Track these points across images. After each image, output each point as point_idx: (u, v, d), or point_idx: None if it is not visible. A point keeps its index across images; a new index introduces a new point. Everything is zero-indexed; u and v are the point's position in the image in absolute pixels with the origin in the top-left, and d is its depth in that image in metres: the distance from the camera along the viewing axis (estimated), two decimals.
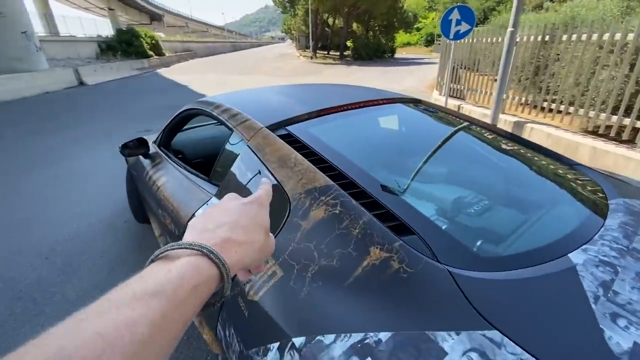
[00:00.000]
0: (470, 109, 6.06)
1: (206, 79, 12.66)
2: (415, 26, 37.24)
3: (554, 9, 9.50)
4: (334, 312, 0.69)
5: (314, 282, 0.75)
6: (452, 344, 0.57)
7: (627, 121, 3.64)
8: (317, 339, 0.64)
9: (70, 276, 2.11)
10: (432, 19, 39.90)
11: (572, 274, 0.70)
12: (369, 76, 14.06)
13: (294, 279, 0.78)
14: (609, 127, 3.88)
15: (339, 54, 26.26)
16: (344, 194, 0.86)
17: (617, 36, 3.63)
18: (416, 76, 13.40)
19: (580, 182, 1.16)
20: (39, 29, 15.62)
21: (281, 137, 1.14)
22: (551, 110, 4.61)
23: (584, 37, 4.02)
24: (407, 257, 0.70)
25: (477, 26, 5.99)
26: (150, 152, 2.07)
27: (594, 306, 0.62)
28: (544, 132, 4.41)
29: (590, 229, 0.87)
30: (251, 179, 1.13)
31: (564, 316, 0.61)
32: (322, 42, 29.01)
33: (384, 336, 0.60)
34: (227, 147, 1.40)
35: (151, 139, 2.22)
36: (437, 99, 7.29)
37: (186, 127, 2.36)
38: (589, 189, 1.11)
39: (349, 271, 0.73)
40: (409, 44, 41.90)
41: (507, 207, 1.06)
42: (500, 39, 5.47)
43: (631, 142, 3.69)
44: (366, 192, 0.89)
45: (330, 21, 28.06)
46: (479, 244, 0.82)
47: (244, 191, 1.10)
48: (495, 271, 0.70)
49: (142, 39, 18.52)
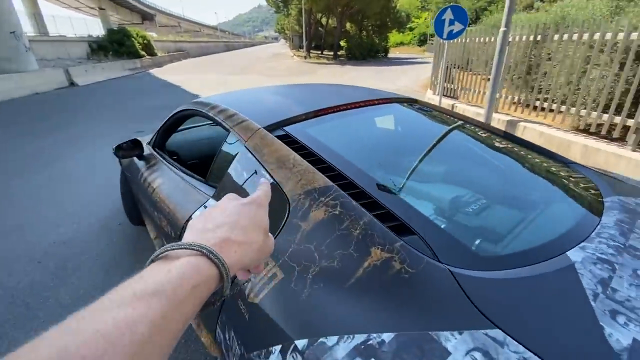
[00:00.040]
0: (464, 108, 6.10)
1: (199, 79, 12.57)
2: (408, 26, 37.39)
3: (545, 9, 9.62)
4: (336, 314, 0.68)
5: (315, 284, 0.74)
6: (455, 343, 0.57)
7: (617, 119, 3.70)
8: (319, 340, 0.64)
9: (64, 280, 2.08)
10: (425, 19, 40.11)
11: (571, 272, 0.70)
12: (363, 76, 14.08)
13: (294, 280, 0.77)
14: (600, 126, 3.93)
15: (332, 53, 26.26)
16: (343, 194, 0.85)
17: (608, 36, 3.69)
18: (410, 76, 13.45)
19: (575, 180, 1.18)
20: (28, 28, 15.39)
21: (279, 137, 1.14)
22: (543, 109, 4.66)
23: (575, 36, 4.07)
24: (408, 257, 0.70)
25: (469, 26, 6.03)
26: (144, 153, 2.05)
27: (593, 304, 0.63)
28: (537, 130, 4.46)
29: (587, 226, 0.88)
30: (247, 179, 1.12)
31: (565, 314, 0.62)
32: (316, 41, 28.98)
33: (387, 337, 0.60)
34: (224, 148, 1.39)
35: (145, 140, 2.20)
36: (431, 98, 7.33)
37: (181, 128, 2.34)
38: (585, 187, 1.13)
39: (350, 272, 0.73)
40: (402, 44, 42.04)
41: (506, 205, 1.06)
42: (492, 39, 5.52)
43: (622, 140, 3.75)
44: (365, 193, 0.89)
45: (323, 21, 28.05)
46: (478, 243, 0.83)
47: (241, 192, 1.09)
48: (495, 270, 0.71)
49: (133, 39, 18.33)
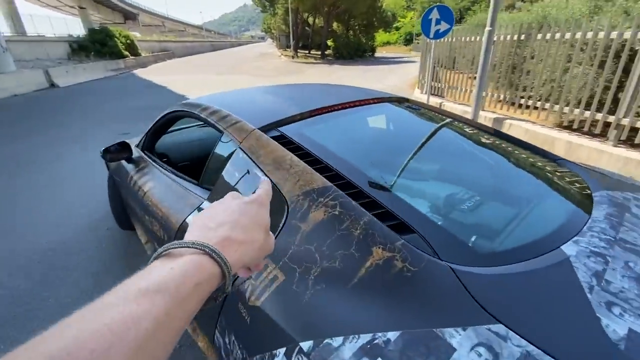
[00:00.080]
0: (451, 106, 6.19)
1: (186, 80, 12.37)
2: (394, 25, 37.72)
3: (527, 8, 9.83)
4: (340, 314, 0.68)
5: (317, 285, 0.74)
6: (459, 339, 0.57)
7: (599, 116, 3.82)
8: (325, 342, 0.63)
9: (50, 288, 2.02)
10: (411, 18, 40.55)
11: (566, 266, 0.72)
12: (351, 75, 14.13)
13: (296, 282, 0.77)
14: (582, 122, 4.05)
15: (320, 53, 26.27)
16: (342, 194, 0.85)
17: (589, 35, 3.80)
18: (397, 75, 13.56)
19: (565, 176, 1.21)
20: (4, 28, 14.88)
21: (274, 138, 1.13)
22: (528, 106, 4.77)
23: (558, 35, 4.19)
24: (410, 255, 0.71)
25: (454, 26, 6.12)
26: (133, 156, 2.01)
27: (589, 296, 0.65)
28: (522, 127, 4.57)
29: (578, 221, 0.91)
30: (240, 178, 1.11)
31: (563, 306, 0.63)
32: (303, 41, 28.93)
33: (393, 336, 0.60)
34: (218, 150, 1.37)
35: (133, 142, 2.15)
36: (419, 97, 7.41)
37: (170, 129, 2.30)
38: (574, 182, 1.16)
39: (353, 272, 0.73)
40: (388, 43, 42.37)
41: (501, 202, 1.08)
42: (478, 38, 5.62)
43: (603, 136, 3.88)
44: (364, 192, 0.89)
45: (310, 20, 28.01)
46: (477, 239, 0.84)
47: None
48: (494, 266, 0.72)
49: (116, 39, 17.88)
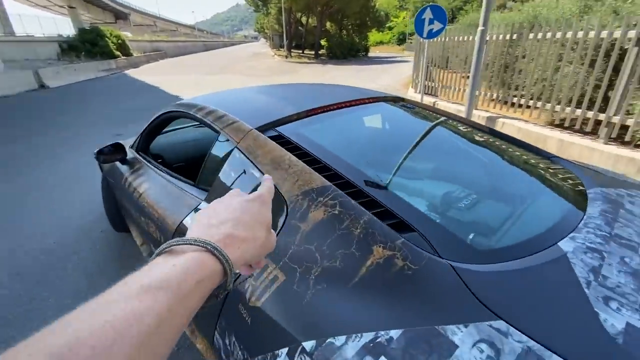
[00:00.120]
0: (445, 106, 6.24)
1: (178, 80, 12.27)
2: (387, 25, 37.87)
3: (518, 8, 9.93)
4: (341, 313, 0.68)
5: (318, 284, 0.74)
6: (461, 336, 0.58)
7: (590, 114, 3.88)
8: (327, 341, 0.63)
9: (45, 291, 1.99)
10: (404, 18, 40.75)
11: (564, 262, 0.73)
12: (345, 75, 14.14)
13: (297, 282, 0.77)
14: (573, 120, 4.11)
15: (313, 52, 26.26)
16: (342, 194, 0.85)
17: (579, 34, 3.86)
18: (390, 74, 13.62)
19: (560, 174, 1.22)
20: None
21: (272, 138, 1.12)
22: (520, 105, 4.83)
23: (549, 35, 4.24)
24: (410, 254, 0.71)
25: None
26: (127, 157, 1.98)
27: (587, 291, 0.66)
28: (515, 126, 4.62)
29: (574, 217, 0.92)
30: (237, 178, 1.11)
31: (562, 302, 0.64)
32: (297, 41, 28.89)
33: (395, 334, 0.61)
34: (214, 150, 1.36)
35: (127, 143, 2.13)
36: (413, 96, 7.45)
37: (165, 130, 2.28)
38: (569, 179, 1.17)
39: (354, 271, 0.73)
40: (381, 43, 42.53)
41: (498, 200, 1.09)
42: (471, 38, 5.67)
43: (594, 133, 3.94)
44: (363, 191, 0.89)
45: (303, 20, 27.98)
46: (476, 237, 0.84)
47: None
48: (493, 263, 0.72)
49: (107, 39, 17.66)
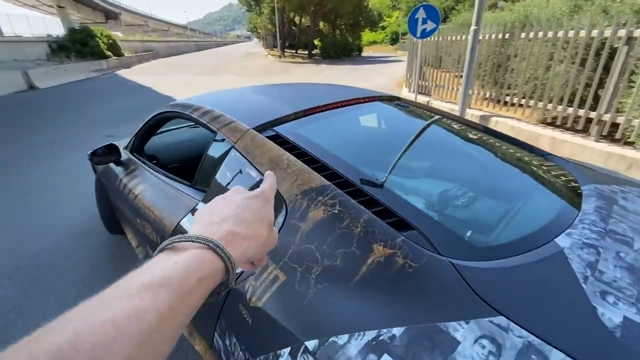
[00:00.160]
0: (438, 105, 6.28)
1: (171, 80, 12.17)
2: (380, 25, 38.00)
3: (509, 8, 10.04)
4: (344, 312, 0.68)
5: (319, 284, 0.74)
6: (463, 333, 0.58)
7: (581, 112, 3.94)
8: (330, 340, 0.63)
9: (37, 295, 1.96)
10: (397, 18, 40.90)
11: (561, 257, 0.74)
12: (338, 74, 14.16)
13: (297, 281, 0.77)
14: (565, 118, 4.17)
15: (307, 52, 26.23)
16: (341, 193, 0.86)
17: (570, 33, 3.91)
18: (384, 74, 13.67)
19: (554, 171, 1.24)
20: None
21: (269, 138, 1.12)
22: (513, 104, 4.89)
23: (540, 34, 4.30)
24: (411, 252, 0.71)
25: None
26: (122, 158, 1.96)
27: (584, 286, 0.67)
28: (508, 124, 4.67)
29: (570, 214, 0.93)
30: (233, 177, 1.11)
31: (560, 297, 0.65)
32: (290, 40, 28.83)
33: (398, 331, 0.61)
34: (211, 150, 1.35)
35: (121, 144, 2.11)
36: (407, 95, 7.49)
37: (159, 130, 2.26)
38: (564, 176, 1.19)
39: (355, 270, 0.73)
40: (375, 43, 42.64)
41: (495, 197, 1.11)
42: (463, 37, 5.72)
43: (585, 131, 4.00)
44: (362, 190, 0.90)
45: (297, 20, 27.95)
46: (475, 234, 0.85)
47: None
48: (492, 260, 0.73)
49: (98, 39, 17.44)
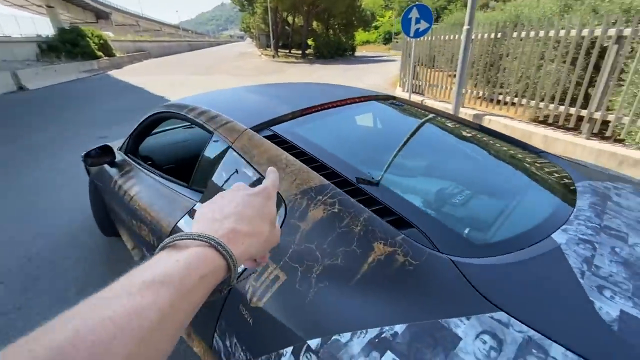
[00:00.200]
0: (432, 104, 6.32)
1: (164, 80, 12.06)
2: (373, 24, 38.09)
3: (500, 7, 10.14)
4: (345, 310, 0.69)
5: (320, 283, 0.74)
6: (464, 329, 0.59)
7: (572, 110, 3.99)
8: (333, 338, 0.64)
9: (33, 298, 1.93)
10: (389, 18, 41.07)
11: (558, 253, 0.75)
12: (332, 74, 14.16)
13: (298, 281, 0.77)
14: (557, 117, 4.23)
15: (300, 52, 26.19)
16: (341, 192, 0.86)
17: (561, 33, 3.97)
18: (378, 73, 13.71)
19: (549, 168, 1.26)
20: None
21: (267, 138, 1.12)
22: (506, 102, 4.94)
23: (532, 34, 4.35)
24: (411, 249, 0.72)
25: None
26: (116, 160, 1.94)
27: (581, 280, 0.68)
28: (501, 123, 4.72)
29: (565, 210, 0.95)
30: (228, 178, 1.11)
31: (558, 292, 0.66)
32: (283, 40, 28.77)
33: (400, 328, 0.61)
34: (208, 151, 1.34)
35: (115, 145, 2.08)
36: (400, 95, 7.52)
37: (153, 131, 2.24)
38: (558, 173, 1.21)
39: (356, 268, 0.73)
40: (368, 42, 42.76)
41: (492, 195, 1.12)
42: (456, 37, 5.76)
43: (576, 129, 4.06)
44: (361, 189, 0.90)
45: (290, 19, 27.90)
46: (474, 232, 0.86)
47: None
48: (491, 256, 0.74)
49: (88, 39, 17.25)
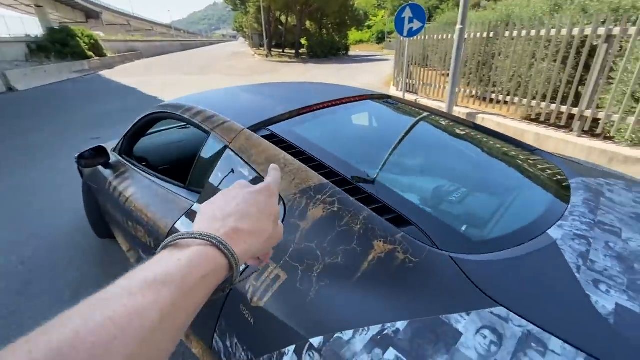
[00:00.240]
0: (426, 103, 6.36)
1: (157, 80, 11.95)
2: (366, 24, 38.15)
3: (491, 7, 10.24)
4: (347, 308, 0.69)
5: (321, 281, 0.75)
6: (465, 324, 0.60)
7: (563, 108, 4.05)
8: (335, 336, 0.64)
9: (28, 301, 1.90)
10: (382, 17, 41.17)
11: (554, 249, 0.77)
12: (326, 73, 14.17)
13: (299, 280, 0.77)
14: (548, 115, 4.29)
15: (294, 52, 26.14)
16: (340, 191, 0.86)
17: (552, 32, 4.02)
18: (371, 73, 13.74)
19: (543, 165, 1.28)
20: None
21: (265, 137, 1.12)
22: (499, 101, 4.99)
23: (524, 33, 4.40)
24: (411, 247, 0.73)
25: None
26: (111, 161, 1.92)
27: (577, 275, 0.69)
28: (494, 121, 4.77)
29: (560, 206, 0.96)
30: (223, 178, 1.11)
31: (555, 286, 0.67)
32: (276, 40, 28.69)
33: (401, 325, 0.62)
34: (205, 151, 1.34)
35: (109, 146, 2.06)
36: (394, 94, 7.56)
37: (149, 132, 2.22)
38: (553, 170, 1.23)
39: (356, 266, 0.74)
40: (361, 42, 42.82)
41: (490, 192, 1.13)
42: (449, 36, 5.80)
43: (568, 127, 4.12)
44: (360, 188, 0.90)
45: (283, 19, 27.81)
46: (472, 229, 0.87)
47: None
48: (489, 252, 0.75)
49: (79, 39, 17.01)
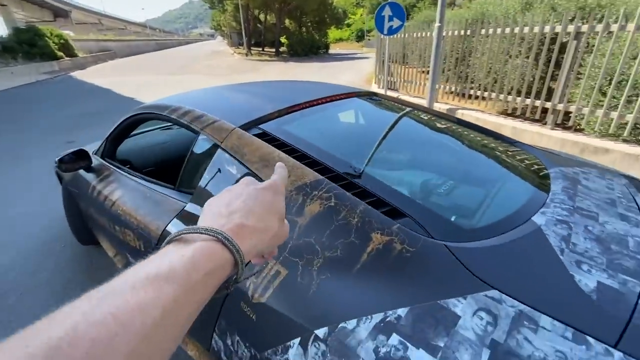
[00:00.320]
0: (408, 99, 6.46)
1: (132, 81, 11.59)
2: (345, 22, 38.32)
3: (466, 5, 10.51)
4: (349, 299, 0.71)
5: (322, 274, 0.77)
6: (462, 307, 0.63)
7: (537, 103, 4.23)
8: (340, 326, 0.66)
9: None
10: (361, 15, 41.45)
11: (539, 234, 0.82)
12: (308, 72, 14.16)
13: (300, 274, 0.79)
14: (523, 109, 4.46)
15: (274, 50, 25.96)
16: (335, 186, 0.88)
17: (525, 29, 4.19)
18: (353, 70, 13.84)
19: (523, 156, 1.35)
20: None
21: (256, 136, 1.12)
22: (477, 97, 5.15)
23: (499, 30, 4.56)
24: (407, 237, 0.76)
25: None
26: (93, 165, 1.87)
27: (561, 257, 0.74)
28: (473, 116, 4.92)
29: (541, 195, 1.02)
30: (210, 179, 1.11)
31: (542, 268, 0.72)
32: (255, 38, 28.37)
33: (403, 312, 0.65)
34: (195, 151, 1.33)
35: (90, 149, 2.00)
36: (376, 91, 7.64)
37: (131, 134, 2.17)
38: (532, 161, 1.30)
39: (355, 258, 0.76)
40: (341, 40, 42.97)
41: (477, 183, 1.18)
42: (428, 34, 5.93)
43: (542, 120, 4.31)
44: (354, 183, 0.93)
45: (262, 17, 27.54)
46: (462, 218, 0.91)
47: None
48: (480, 240, 0.79)
49: (47, 39, 16.29)
